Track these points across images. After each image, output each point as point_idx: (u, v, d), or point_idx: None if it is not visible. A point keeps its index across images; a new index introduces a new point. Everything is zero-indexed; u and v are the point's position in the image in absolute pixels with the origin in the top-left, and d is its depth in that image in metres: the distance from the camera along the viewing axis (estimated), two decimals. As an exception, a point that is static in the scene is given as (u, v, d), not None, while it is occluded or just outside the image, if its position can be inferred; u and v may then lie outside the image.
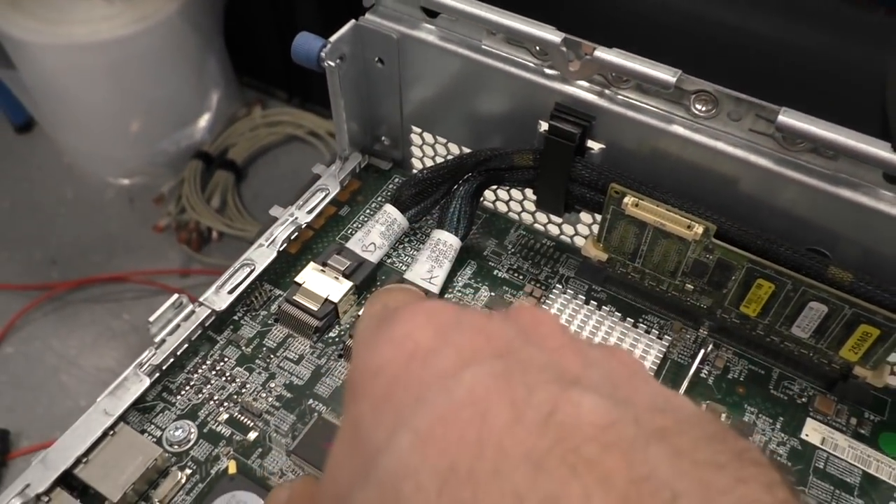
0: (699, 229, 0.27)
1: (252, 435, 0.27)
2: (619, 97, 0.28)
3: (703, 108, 0.27)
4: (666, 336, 0.29)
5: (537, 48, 0.28)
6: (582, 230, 0.33)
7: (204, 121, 1.13)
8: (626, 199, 0.27)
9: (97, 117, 1.08)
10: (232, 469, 0.26)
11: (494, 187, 0.33)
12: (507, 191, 0.34)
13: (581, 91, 0.28)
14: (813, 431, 0.27)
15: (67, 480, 0.25)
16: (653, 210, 0.27)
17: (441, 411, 0.12)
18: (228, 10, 1.05)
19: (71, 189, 1.20)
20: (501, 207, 0.35)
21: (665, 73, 0.26)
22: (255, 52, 1.13)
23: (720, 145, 0.27)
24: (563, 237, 0.34)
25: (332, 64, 0.30)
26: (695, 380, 0.28)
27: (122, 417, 0.27)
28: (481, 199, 0.33)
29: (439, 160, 0.35)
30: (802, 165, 0.26)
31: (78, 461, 0.25)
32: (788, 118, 0.25)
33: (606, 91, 0.28)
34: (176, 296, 0.28)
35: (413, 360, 0.14)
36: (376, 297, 0.19)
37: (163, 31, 0.95)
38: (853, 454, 0.26)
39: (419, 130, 0.34)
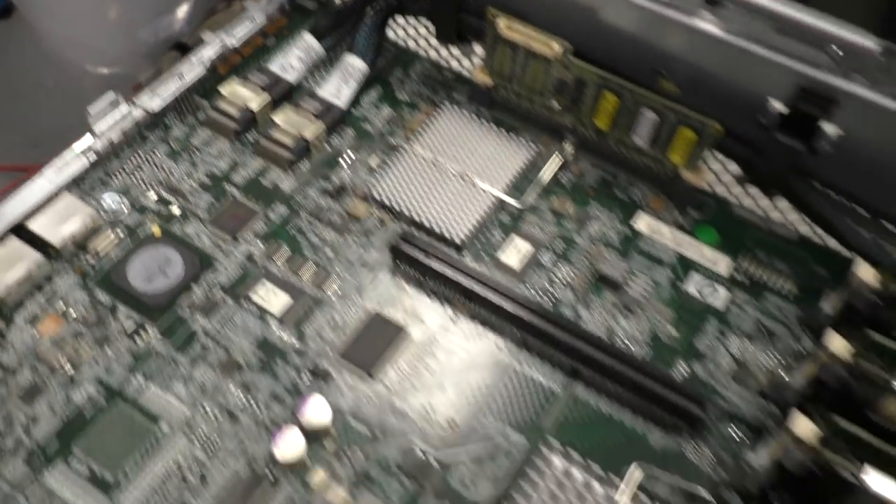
0: (558, 48, 0.31)
1: (175, 209, 0.32)
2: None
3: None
4: (531, 146, 0.35)
5: None
6: (477, 63, 0.38)
7: (182, 11, 1.14)
8: (500, 22, 0.32)
9: (76, 3, 1.09)
10: (157, 232, 0.31)
11: (402, 22, 0.38)
12: (415, 28, 0.38)
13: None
14: (642, 222, 0.33)
15: (18, 231, 0.30)
16: (521, 31, 0.32)
17: None
18: None
19: (50, 77, 1.21)
20: (411, 44, 0.39)
21: None
22: None
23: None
24: (461, 70, 0.38)
25: None
26: (554, 182, 0.34)
27: (65, 188, 0.32)
28: (388, 31, 0.37)
29: None
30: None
31: (26, 217, 0.30)
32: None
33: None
34: (111, 93, 0.33)
35: None
36: None
37: None
38: (672, 238, 0.32)
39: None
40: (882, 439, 0.24)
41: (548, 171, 0.34)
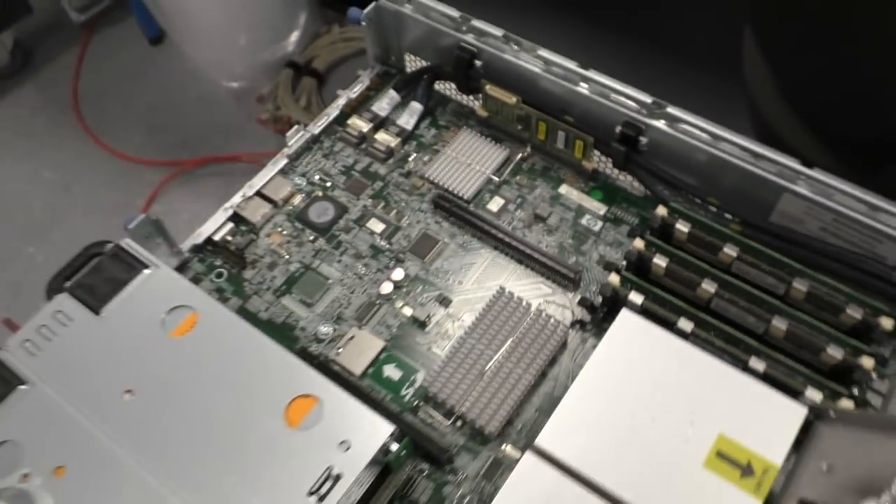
0: (515, 99, 0.62)
1: (328, 183, 0.65)
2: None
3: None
4: (507, 148, 0.66)
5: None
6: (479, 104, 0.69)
7: (294, 36, 1.38)
8: (486, 86, 0.63)
9: (214, 33, 1.34)
10: (320, 194, 0.64)
11: (441, 83, 0.69)
12: (448, 85, 0.69)
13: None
14: (563, 188, 0.63)
15: (259, 194, 0.64)
16: (497, 90, 0.63)
17: None
18: None
19: (194, 90, 1.46)
20: (446, 93, 0.71)
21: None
22: None
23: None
24: (472, 107, 0.69)
25: (363, 23, 0.66)
26: (518, 167, 0.64)
27: (278, 173, 0.65)
28: (435, 87, 0.69)
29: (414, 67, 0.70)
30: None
31: (262, 187, 0.64)
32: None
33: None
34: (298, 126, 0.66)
35: None
36: None
37: None
38: (577, 197, 0.62)
39: (411, 56, 0.70)
40: (650, 284, 0.54)
41: (515, 162, 0.65)
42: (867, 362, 0.48)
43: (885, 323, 0.49)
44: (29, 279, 1.20)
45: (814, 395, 0.48)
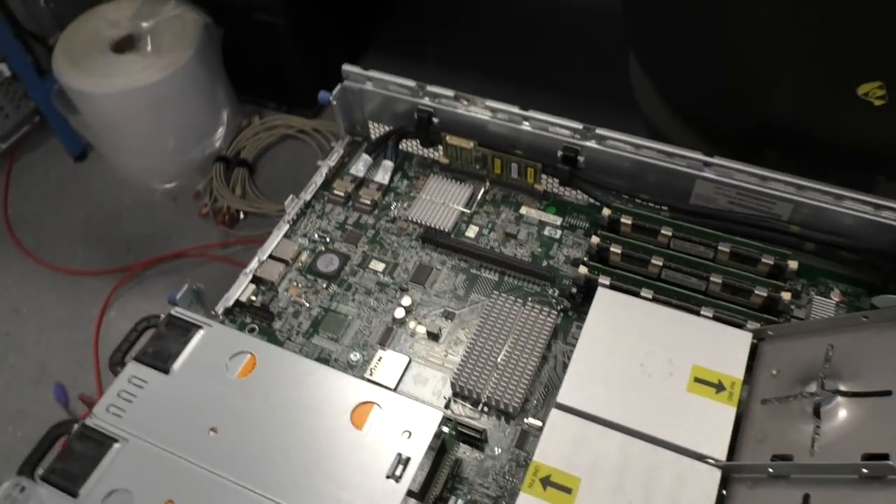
0: (472, 144, 0.75)
1: (327, 238, 0.76)
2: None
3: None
4: (470, 185, 0.79)
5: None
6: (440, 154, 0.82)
7: (220, 132, 1.45)
8: (447, 137, 0.76)
9: (142, 141, 1.38)
10: (322, 249, 0.75)
11: (406, 142, 0.82)
12: (412, 143, 0.82)
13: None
14: (523, 209, 0.76)
15: (271, 256, 0.73)
16: (456, 139, 0.76)
17: None
18: (225, 47, 1.39)
19: (128, 197, 1.43)
20: (410, 150, 0.83)
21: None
22: (249, 76, 1.48)
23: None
24: (435, 157, 0.83)
25: (333, 102, 0.78)
26: (483, 200, 0.78)
27: (283, 236, 0.75)
28: (401, 146, 0.81)
29: (380, 132, 0.83)
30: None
31: (273, 250, 0.74)
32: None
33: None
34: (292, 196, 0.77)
35: None
36: None
37: (183, 73, 1.28)
38: (536, 214, 0.75)
39: (373, 123, 0.83)
40: (611, 268, 0.67)
41: (480, 195, 0.78)
42: (786, 295, 0.62)
43: (792, 264, 0.64)
44: (-8, 404, 1.20)
45: (753, 326, 0.61)
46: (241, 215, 1.40)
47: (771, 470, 0.51)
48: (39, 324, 1.30)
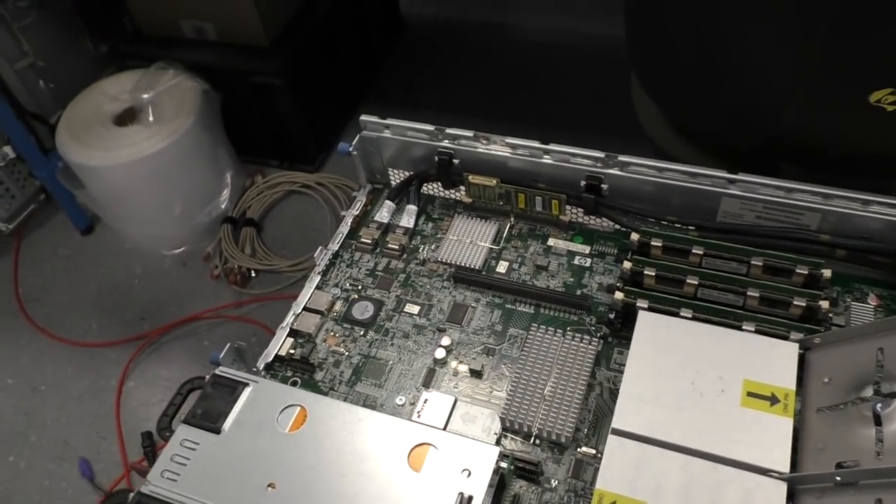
0: (495, 181, 0.76)
1: (359, 286, 0.76)
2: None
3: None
4: (495, 222, 0.80)
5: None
6: (463, 193, 0.83)
7: (224, 194, 1.47)
8: (469, 176, 0.77)
9: (149, 209, 1.41)
10: (356, 297, 0.75)
11: (428, 185, 0.83)
12: (434, 185, 0.83)
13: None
14: (551, 241, 0.77)
15: (307, 308, 0.74)
16: (478, 178, 0.77)
17: None
18: (225, 110, 1.42)
19: (138, 265, 1.45)
20: (433, 192, 0.84)
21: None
22: (249, 136, 1.52)
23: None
24: (458, 197, 0.84)
25: (354, 153, 0.80)
26: (509, 235, 0.78)
27: (315, 287, 0.75)
28: (423, 189, 0.82)
29: (401, 177, 0.84)
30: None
31: (307, 304, 0.74)
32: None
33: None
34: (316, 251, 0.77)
35: None
36: None
37: (186, 140, 1.30)
38: (564, 245, 0.76)
39: (393, 170, 0.84)
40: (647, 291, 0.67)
41: (506, 232, 0.79)
42: (824, 304, 0.63)
43: (826, 273, 0.64)
44: (16, 486, 1.19)
45: (796, 337, 0.62)
46: (253, 273, 1.41)
47: (839, 478, 0.50)
48: (58, 400, 1.30)
